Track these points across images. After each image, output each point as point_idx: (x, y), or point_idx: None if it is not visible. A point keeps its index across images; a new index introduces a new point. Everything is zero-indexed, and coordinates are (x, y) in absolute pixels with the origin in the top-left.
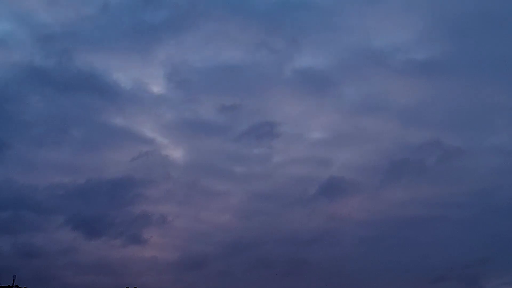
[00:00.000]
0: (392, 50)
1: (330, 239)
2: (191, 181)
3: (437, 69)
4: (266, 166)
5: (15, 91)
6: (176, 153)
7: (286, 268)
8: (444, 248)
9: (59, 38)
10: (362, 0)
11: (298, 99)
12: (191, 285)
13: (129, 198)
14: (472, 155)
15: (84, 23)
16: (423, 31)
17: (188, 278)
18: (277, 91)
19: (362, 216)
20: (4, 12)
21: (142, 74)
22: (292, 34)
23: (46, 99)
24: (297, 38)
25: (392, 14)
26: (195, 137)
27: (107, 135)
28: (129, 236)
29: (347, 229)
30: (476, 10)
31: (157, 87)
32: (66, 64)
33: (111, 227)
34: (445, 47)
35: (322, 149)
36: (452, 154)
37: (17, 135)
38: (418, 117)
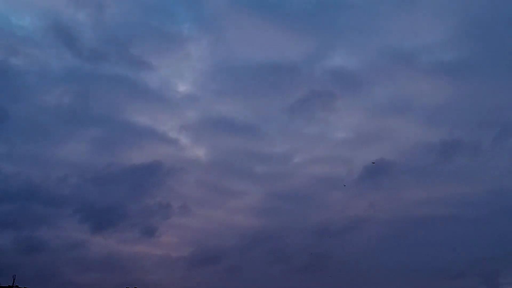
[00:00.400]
0: (421, 51)
1: (350, 237)
2: (213, 179)
3: (463, 70)
4: (288, 165)
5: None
6: (199, 151)
7: (304, 263)
8: (462, 246)
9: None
10: (396, 3)
11: (325, 99)
12: (205, 281)
13: (147, 193)
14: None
15: (115, 19)
16: (451, 33)
17: (201, 274)
18: (307, 90)
19: (381, 215)
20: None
21: (171, 73)
22: (325, 34)
23: (73, 94)
24: (330, 38)
25: (422, 17)
26: (219, 135)
27: (129, 133)
28: (142, 229)
29: (366, 228)
30: (502, 13)
31: (184, 86)
32: (95, 61)
33: (125, 220)
34: (472, 48)
35: (345, 148)
36: (476, 153)
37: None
38: (442, 117)
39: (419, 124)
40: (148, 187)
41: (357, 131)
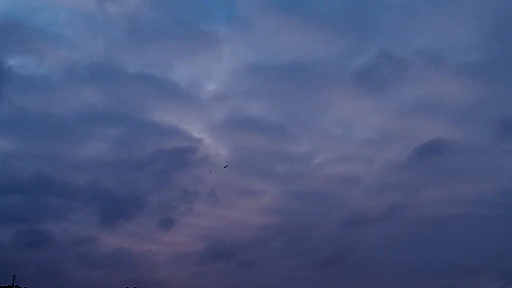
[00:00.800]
0: (450, 52)
1: (369, 235)
2: (233, 178)
3: (491, 71)
4: (310, 165)
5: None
6: (222, 151)
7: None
8: (480, 243)
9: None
10: (429, 4)
11: (351, 99)
12: (217, 277)
13: (165, 189)
14: None
15: (147, 16)
16: (479, 34)
17: (214, 270)
18: (335, 90)
19: (400, 214)
20: None
21: (200, 72)
22: (358, 35)
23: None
24: (362, 39)
25: (452, 18)
26: (243, 135)
27: (151, 132)
28: (156, 225)
29: (386, 226)
30: None
31: (213, 86)
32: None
33: (138, 215)
34: (501, 50)
35: (367, 148)
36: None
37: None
38: (466, 118)
39: (441, 124)
40: (166, 183)
41: (381, 131)
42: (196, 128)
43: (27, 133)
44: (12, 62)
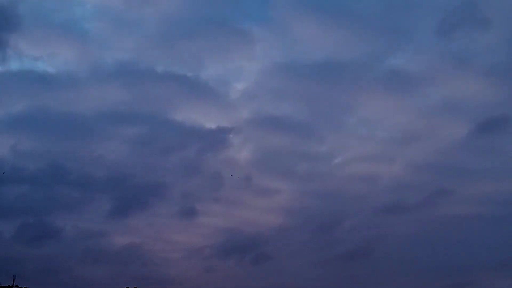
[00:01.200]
0: (476, 53)
1: (391, 236)
2: (252, 177)
3: None
4: (330, 164)
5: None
6: (245, 150)
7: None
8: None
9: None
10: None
11: (378, 99)
12: (231, 273)
13: (182, 185)
14: None
15: (178, 13)
16: (505, 36)
17: (226, 267)
18: (363, 90)
19: (424, 214)
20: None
21: (230, 71)
22: (389, 35)
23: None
24: (394, 39)
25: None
26: (268, 134)
27: (174, 130)
28: (171, 219)
29: (403, 226)
30: None
31: (243, 84)
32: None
33: (154, 207)
34: None
35: (389, 148)
36: None
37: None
38: (490, 119)
39: (463, 125)
40: (187, 180)
41: (405, 131)
42: (221, 127)
43: (47, 130)
44: (37, 57)
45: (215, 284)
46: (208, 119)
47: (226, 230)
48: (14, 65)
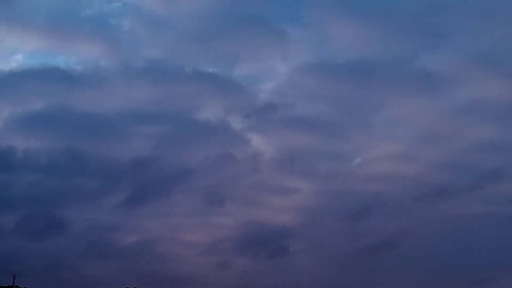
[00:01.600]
0: (502, 54)
1: (413, 236)
2: (272, 177)
3: None
4: (352, 164)
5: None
6: (267, 149)
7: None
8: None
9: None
10: (485, 7)
11: (405, 99)
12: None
13: (200, 182)
14: None
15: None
16: None
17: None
18: (390, 90)
19: (443, 215)
20: None
21: (259, 70)
22: (420, 35)
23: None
24: (426, 40)
25: (509, 20)
26: (293, 134)
27: (197, 129)
28: (187, 214)
29: (424, 224)
30: None
31: (271, 84)
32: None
33: (171, 200)
34: None
35: (411, 148)
36: None
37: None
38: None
39: (490, 127)
40: (206, 179)
41: (429, 131)
42: (247, 127)
43: (68, 129)
44: (62, 56)
45: (229, 280)
46: (233, 119)
47: (247, 225)
48: (37, 61)
